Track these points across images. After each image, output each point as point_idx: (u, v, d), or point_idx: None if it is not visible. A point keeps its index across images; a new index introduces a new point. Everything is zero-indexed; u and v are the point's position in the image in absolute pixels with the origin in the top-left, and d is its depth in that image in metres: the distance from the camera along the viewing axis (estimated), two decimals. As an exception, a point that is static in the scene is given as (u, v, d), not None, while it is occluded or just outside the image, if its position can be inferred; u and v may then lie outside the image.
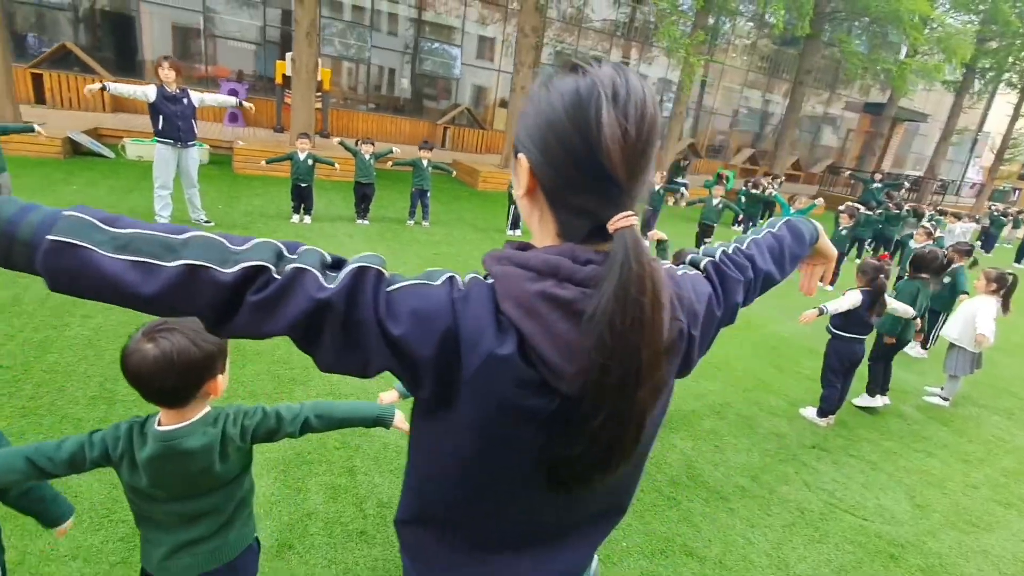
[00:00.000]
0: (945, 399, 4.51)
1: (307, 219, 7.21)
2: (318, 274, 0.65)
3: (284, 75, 13.26)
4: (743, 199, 10.40)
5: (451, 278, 0.71)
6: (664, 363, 0.69)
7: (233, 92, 13.72)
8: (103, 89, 5.60)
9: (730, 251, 0.98)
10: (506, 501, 0.80)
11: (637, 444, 0.71)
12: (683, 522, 2.70)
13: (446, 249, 6.92)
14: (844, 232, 7.53)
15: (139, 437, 1.31)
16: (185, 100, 5.98)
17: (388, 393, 1.82)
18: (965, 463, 3.67)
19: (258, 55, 14.97)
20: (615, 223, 0.67)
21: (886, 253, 3.83)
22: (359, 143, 7.52)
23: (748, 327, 5.70)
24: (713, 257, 0.95)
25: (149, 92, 5.75)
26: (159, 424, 1.32)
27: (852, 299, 3.57)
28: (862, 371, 4.13)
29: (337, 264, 0.69)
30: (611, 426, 0.68)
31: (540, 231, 0.76)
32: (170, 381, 1.25)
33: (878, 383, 4.14)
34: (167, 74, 5.78)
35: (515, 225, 8.25)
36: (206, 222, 6.47)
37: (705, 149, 21.46)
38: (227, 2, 13.99)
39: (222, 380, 1.35)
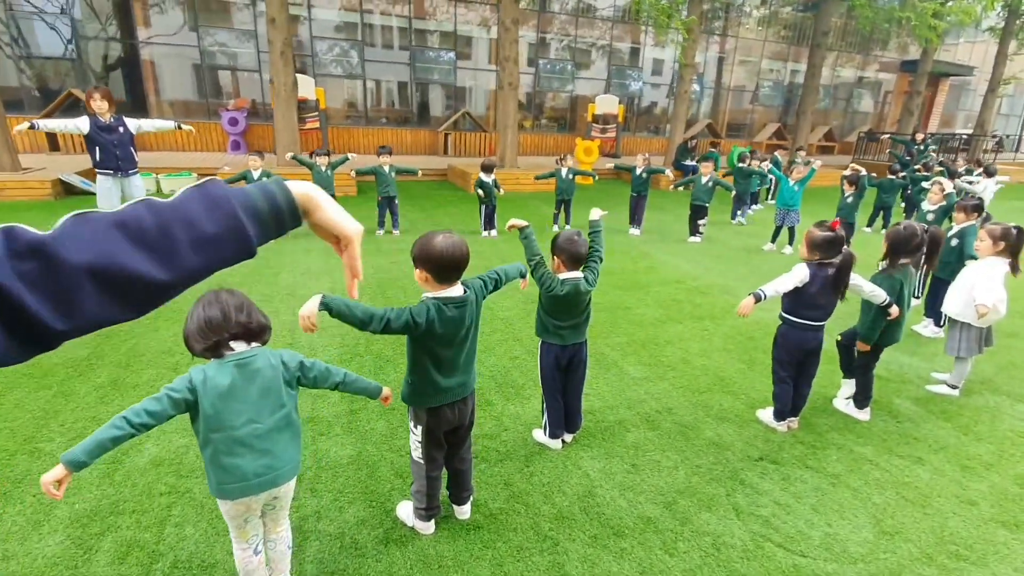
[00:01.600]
0: (953, 387, 3.71)
1: None
2: None
3: (279, 98, 13.38)
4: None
5: None
6: None
7: (233, 121, 14.03)
8: (32, 127, 5.55)
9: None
10: None
11: None
12: (551, 571, 2.17)
13: (406, 257, 6.53)
14: (850, 200, 6.63)
15: None
16: (121, 128, 5.89)
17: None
18: (965, 471, 2.92)
19: (259, 82, 15.15)
20: None
21: (837, 220, 3.08)
22: (314, 155, 7.29)
23: (724, 316, 5.01)
24: None
25: (81, 124, 5.68)
26: None
27: (797, 275, 2.92)
28: (832, 361, 3.44)
29: None
30: None
31: None
32: None
33: (867, 394, 3.37)
34: (100, 105, 5.70)
35: (489, 225, 7.79)
36: None
37: (725, 128, 20.29)
38: (224, 34, 14.23)
39: None
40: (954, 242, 4.32)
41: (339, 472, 2.69)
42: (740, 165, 9.26)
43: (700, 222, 7.83)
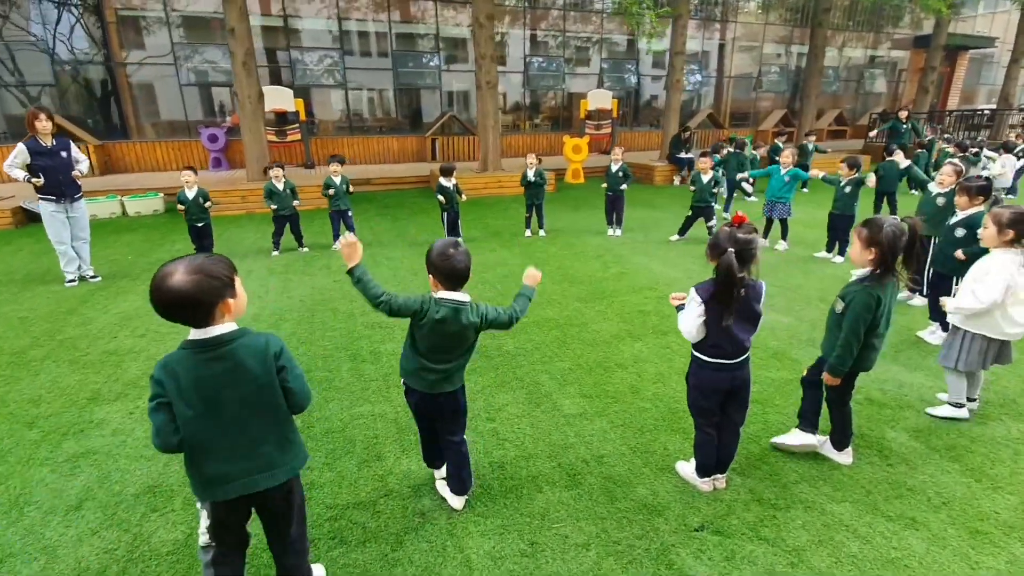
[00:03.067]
0: (958, 405, 2.99)
1: None
2: None
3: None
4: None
5: None
6: None
7: (213, 137, 13.75)
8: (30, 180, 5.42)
9: None
10: None
11: None
12: None
13: (355, 273, 5.97)
14: (848, 190, 5.85)
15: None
16: (64, 153, 5.60)
17: None
18: (976, 537, 2.22)
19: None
20: None
21: (740, 214, 2.36)
22: (268, 170, 6.76)
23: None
24: None
25: (20, 155, 5.35)
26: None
27: (694, 309, 2.20)
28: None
29: None
30: None
31: None
32: None
33: (847, 432, 2.65)
34: (44, 125, 5.37)
35: (453, 233, 7.22)
36: (92, 277, 5.96)
37: (728, 118, 19.40)
38: (198, 50, 13.95)
39: None
40: (959, 232, 3.59)
41: (152, 565, 2.12)
42: (729, 154, 8.50)
43: (709, 226, 7.00)
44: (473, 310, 2.12)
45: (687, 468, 2.55)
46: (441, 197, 6.92)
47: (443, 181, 6.92)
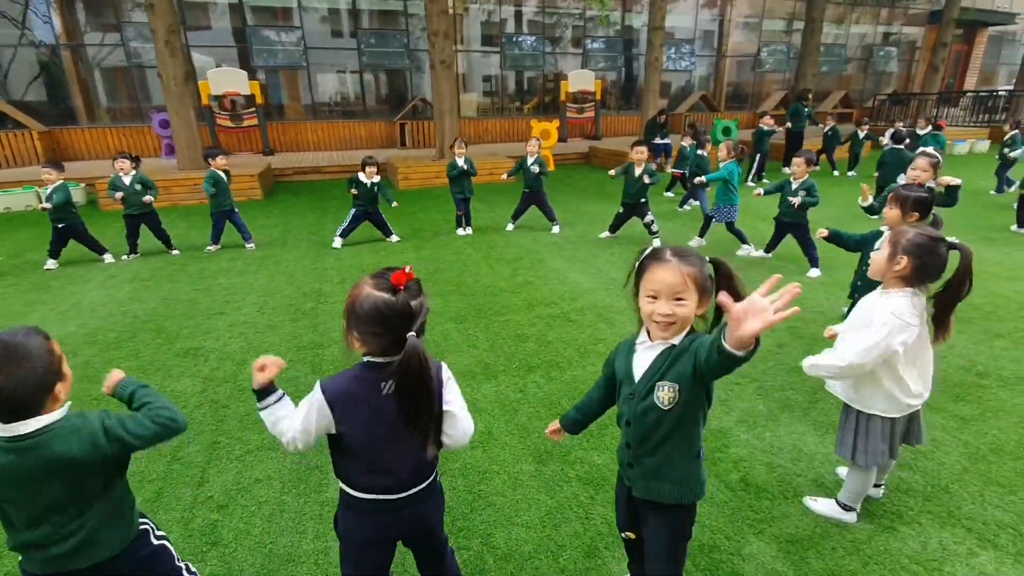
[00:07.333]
0: (847, 508, 2.11)
1: (51, 264, 5.65)
2: None
3: (208, 95, 12.51)
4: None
5: None
6: None
7: (164, 123, 13.05)
8: None
9: None
10: None
11: None
12: None
13: (225, 280, 5.19)
14: (808, 202, 4.85)
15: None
16: None
17: None
18: None
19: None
20: None
21: (409, 270, 1.32)
22: (116, 159, 5.94)
23: (574, 361, 3.44)
24: None
25: None
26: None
27: (311, 409, 1.27)
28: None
29: None
30: None
31: None
32: None
33: None
34: None
35: (386, 232, 6.49)
36: None
37: (724, 100, 18.18)
38: (146, 36, 13.17)
39: None
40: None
41: None
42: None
43: (646, 222, 6.10)
44: (75, 432, 1.21)
45: None
46: (353, 190, 6.07)
47: (361, 176, 6.07)
